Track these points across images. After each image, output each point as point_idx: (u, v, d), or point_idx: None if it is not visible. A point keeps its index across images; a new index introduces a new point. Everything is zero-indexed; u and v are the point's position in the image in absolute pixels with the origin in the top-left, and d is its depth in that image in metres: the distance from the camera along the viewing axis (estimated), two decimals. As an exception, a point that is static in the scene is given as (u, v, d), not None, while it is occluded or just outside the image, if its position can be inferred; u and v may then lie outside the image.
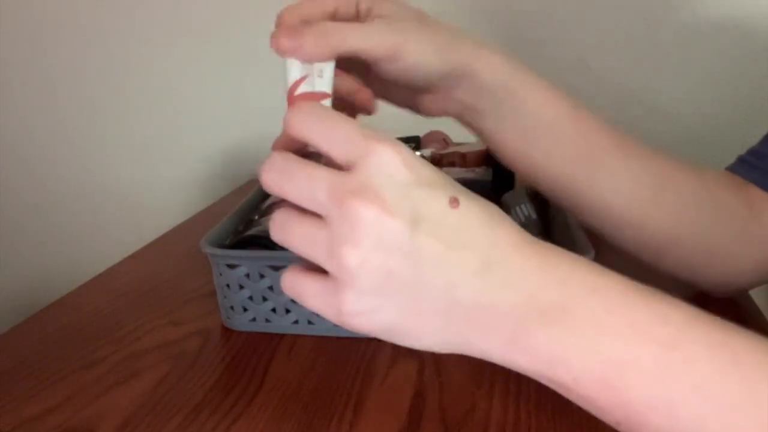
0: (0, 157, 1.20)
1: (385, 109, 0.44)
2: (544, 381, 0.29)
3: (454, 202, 0.27)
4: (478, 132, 0.48)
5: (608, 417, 0.28)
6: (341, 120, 0.28)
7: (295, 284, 0.29)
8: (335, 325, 0.52)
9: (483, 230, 0.28)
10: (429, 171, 0.28)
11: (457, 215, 0.27)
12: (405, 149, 0.27)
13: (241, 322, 0.54)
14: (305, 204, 0.27)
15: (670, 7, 0.92)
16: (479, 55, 0.43)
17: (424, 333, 0.28)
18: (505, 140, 0.46)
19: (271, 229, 0.29)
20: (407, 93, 0.44)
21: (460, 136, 0.91)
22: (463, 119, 0.47)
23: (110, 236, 1.20)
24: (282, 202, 0.29)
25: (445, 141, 0.93)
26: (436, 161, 0.84)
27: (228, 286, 0.53)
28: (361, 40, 0.36)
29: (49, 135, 1.18)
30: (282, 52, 0.34)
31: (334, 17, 0.38)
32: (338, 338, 0.53)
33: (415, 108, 0.46)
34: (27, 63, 1.14)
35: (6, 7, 1.11)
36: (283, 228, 0.29)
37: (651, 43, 0.94)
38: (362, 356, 0.50)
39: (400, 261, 0.26)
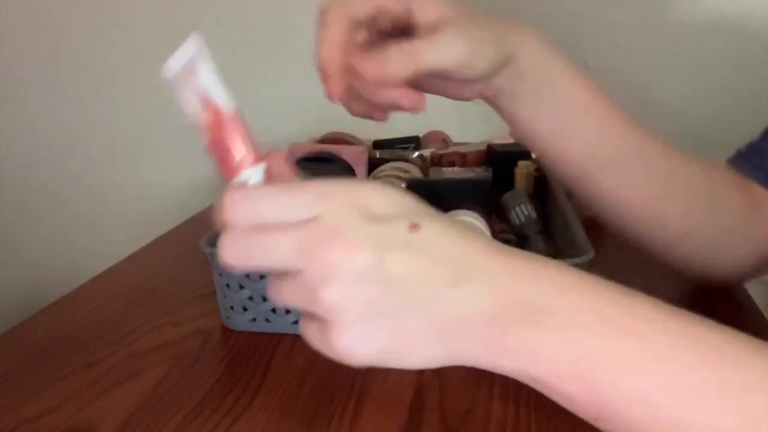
0: (0, 157, 1.20)
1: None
2: (530, 382, 0.29)
3: (414, 227, 0.28)
4: (508, 115, 0.47)
5: (587, 414, 0.28)
6: (279, 190, 0.29)
7: (303, 330, 0.31)
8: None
9: (447, 245, 0.29)
10: (384, 205, 0.28)
11: (419, 237, 0.28)
12: (355, 193, 0.28)
13: (241, 322, 0.54)
14: (279, 268, 0.29)
15: (671, 7, 0.92)
16: (524, 41, 0.43)
17: (414, 353, 0.29)
18: (535, 123, 0.47)
19: (268, 293, 0.31)
20: (444, 83, 0.44)
21: (460, 136, 0.91)
22: (496, 102, 0.47)
23: (110, 236, 1.20)
24: None
25: (445, 141, 0.93)
26: (436, 161, 0.84)
27: (228, 286, 0.53)
28: (438, 58, 0.36)
29: (49, 135, 1.18)
30: (370, 81, 0.35)
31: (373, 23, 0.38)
32: (338, 338, 0.53)
33: (446, 95, 0.46)
34: (29, 62, 1.14)
35: (11, 3, 1.11)
36: (275, 289, 0.30)
37: (651, 43, 0.93)
38: (362, 356, 0.50)
39: (376, 289, 0.27)
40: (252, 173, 0.31)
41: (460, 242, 0.29)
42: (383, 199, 0.29)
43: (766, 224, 0.50)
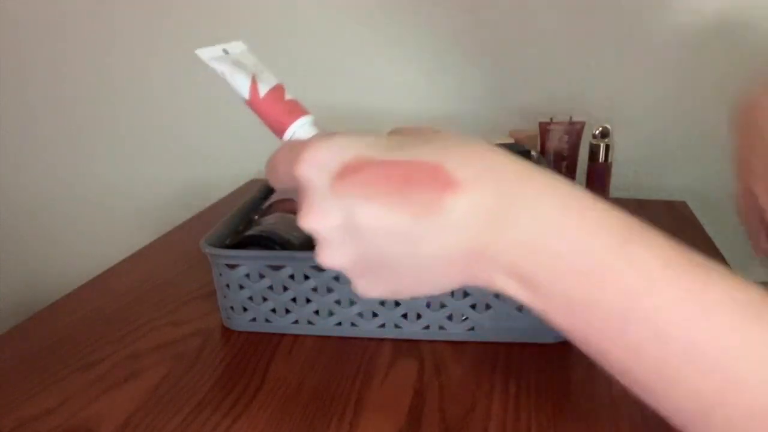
0: (1, 155, 1.20)
1: (383, 109, 0.44)
2: (531, 308, 0.28)
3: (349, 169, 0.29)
4: None
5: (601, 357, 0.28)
6: (277, 161, 0.31)
7: None
8: (335, 325, 0.53)
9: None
10: (334, 158, 0.28)
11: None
12: (320, 150, 0.28)
13: (241, 322, 0.54)
14: None
15: (670, 8, 0.92)
16: None
17: (425, 284, 0.30)
18: None
19: None
20: None
21: (460, 136, 0.91)
22: None
23: (110, 236, 1.20)
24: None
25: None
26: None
27: (228, 286, 0.53)
28: None
29: (50, 135, 1.18)
30: None
31: None
32: (338, 338, 0.53)
33: None
34: (30, 61, 1.14)
35: (14, 3, 1.11)
36: None
37: (650, 42, 0.93)
38: (362, 356, 0.50)
39: (357, 244, 0.28)
40: (296, 129, 0.35)
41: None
42: (329, 152, 0.28)
43: None
